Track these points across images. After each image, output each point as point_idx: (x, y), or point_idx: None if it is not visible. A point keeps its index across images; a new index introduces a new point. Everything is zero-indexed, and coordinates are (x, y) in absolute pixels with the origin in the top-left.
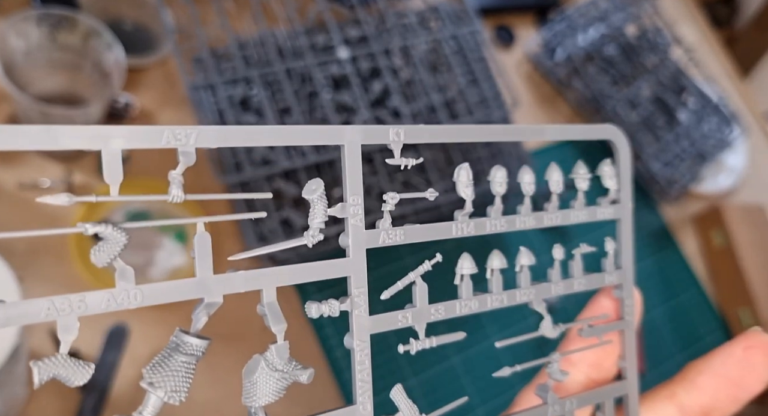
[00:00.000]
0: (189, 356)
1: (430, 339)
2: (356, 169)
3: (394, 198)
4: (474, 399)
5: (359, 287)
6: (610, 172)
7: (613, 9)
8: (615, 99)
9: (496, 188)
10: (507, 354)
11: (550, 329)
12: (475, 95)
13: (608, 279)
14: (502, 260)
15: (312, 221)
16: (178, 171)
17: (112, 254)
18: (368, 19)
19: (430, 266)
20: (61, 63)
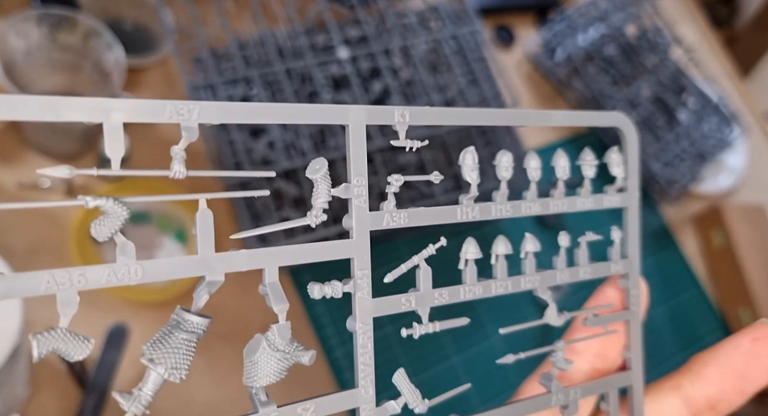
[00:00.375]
0: (190, 333)
1: (433, 324)
2: (361, 149)
3: (399, 180)
4: (474, 399)
5: (362, 269)
6: (617, 159)
7: (613, 9)
8: (615, 99)
9: (502, 172)
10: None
11: (555, 317)
12: (475, 95)
13: (614, 268)
14: (507, 245)
15: (315, 200)
16: (181, 146)
17: (113, 229)
18: (368, 19)
19: (434, 250)
20: (61, 63)
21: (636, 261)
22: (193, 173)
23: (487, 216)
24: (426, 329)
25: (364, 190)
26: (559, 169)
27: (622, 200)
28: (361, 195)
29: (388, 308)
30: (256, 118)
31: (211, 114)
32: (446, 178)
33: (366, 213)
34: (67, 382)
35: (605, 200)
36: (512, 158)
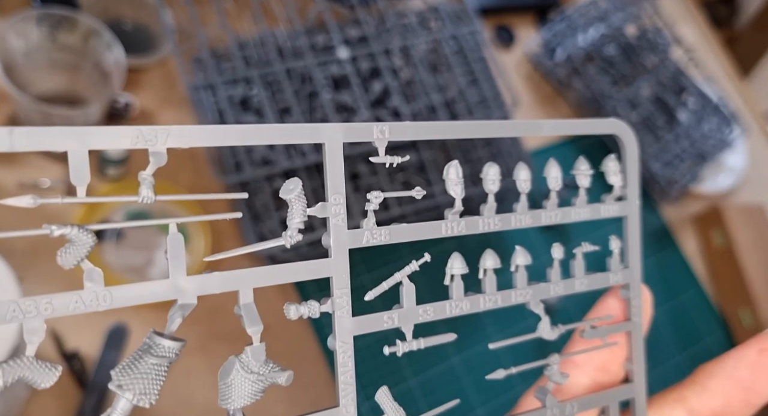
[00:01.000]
0: (160, 358)
1: (417, 341)
2: (338, 168)
3: (378, 197)
4: (474, 399)
5: (341, 288)
6: (614, 167)
7: (613, 9)
8: (615, 99)
9: (489, 185)
10: (508, 355)
11: (548, 330)
12: (475, 95)
13: (613, 279)
14: (496, 259)
15: (291, 221)
16: (148, 172)
17: (79, 257)
18: (368, 19)
19: (418, 266)
20: (61, 63)
21: (637, 271)
22: (161, 197)
23: (474, 230)
24: (410, 346)
25: (342, 208)
26: (552, 179)
27: (621, 209)
28: (338, 213)
29: (370, 326)
30: (225, 140)
31: (180, 139)
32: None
33: (344, 232)
34: (67, 382)
35: (603, 209)
36: (499, 170)
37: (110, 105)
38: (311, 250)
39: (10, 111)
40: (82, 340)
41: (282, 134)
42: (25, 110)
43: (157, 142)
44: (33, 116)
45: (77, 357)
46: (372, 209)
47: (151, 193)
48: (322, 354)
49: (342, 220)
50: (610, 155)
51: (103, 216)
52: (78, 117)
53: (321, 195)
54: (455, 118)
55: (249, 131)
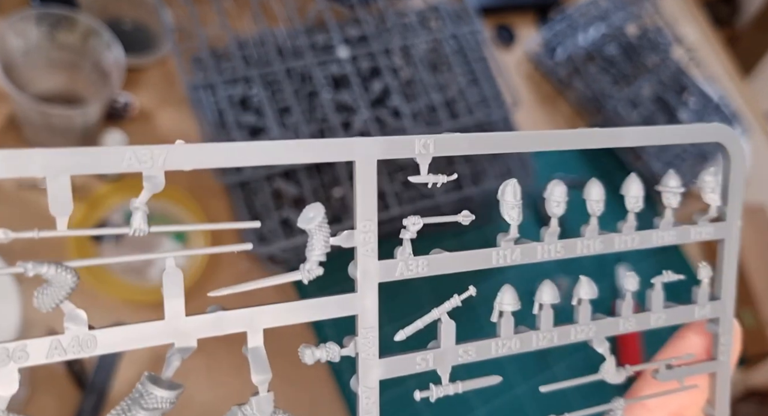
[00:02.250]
0: (151, 411)
1: (455, 385)
2: (370, 189)
3: (417, 224)
4: (474, 399)
5: (368, 327)
6: (713, 183)
7: (613, 8)
8: (616, 99)
9: (553, 208)
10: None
11: (614, 373)
12: (476, 95)
13: (700, 313)
14: (555, 292)
15: (310, 253)
16: (142, 199)
17: (58, 299)
18: (368, 19)
19: (460, 301)
20: (60, 63)
21: (730, 304)
22: (155, 228)
23: (531, 259)
24: (446, 390)
25: (373, 236)
26: (630, 199)
27: (717, 232)
28: (368, 242)
29: (400, 369)
30: (231, 160)
31: (179, 159)
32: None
33: (374, 263)
34: (66, 383)
35: (694, 232)
36: (566, 190)
37: (109, 105)
38: None
39: (9, 111)
40: None
41: (307, 151)
42: (24, 110)
43: (155, 164)
44: (32, 116)
45: (76, 359)
46: (408, 237)
47: (144, 224)
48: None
49: (372, 250)
50: (710, 168)
51: (103, 216)
52: (77, 117)
53: (321, 195)
54: (455, 117)
55: (266, 149)
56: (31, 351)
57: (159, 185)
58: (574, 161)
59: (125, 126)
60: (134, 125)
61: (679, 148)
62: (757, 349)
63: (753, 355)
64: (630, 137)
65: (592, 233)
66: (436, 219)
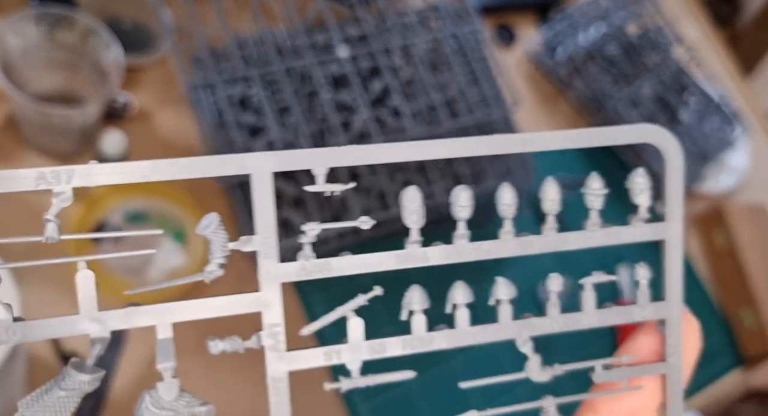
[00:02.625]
0: (69, 391)
1: (365, 378)
2: (266, 199)
3: (314, 230)
4: (474, 399)
5: (272, 323)
6: (643, 184)
7: (614, 8)
8: (616, 98)
9: (458, 212)
10: (508, 356)
11: (538, 371)
12: (476, 95)
13: (640, 314)
14: (467, 293)
15: (211, 256)
16: (52, 212)
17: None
18: (368, 18)
19: (366, 300)
20: (59, 62)
21: (676, 304)
22: (66, 236)
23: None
24: (355, 383)
25: (273, 240)
26: (548, 202)
27: (657, 232)
28: (267, 246)
29: (308, 362)
30: (139, 177)
31: (86, 178)
32: (446, 177)
33: (274, 265)
34: None
35: (626, 233)
36: (471, 195)
37: (108, 104)
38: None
39: (7, 111)
40: (81, 341)
41: (206, 167)
42: (23, 110)
43: (61, 182)
44: (31, 116)
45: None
46: (307, 242)
47: (56, 234)
48: None
49: (272, 253)
50: (638, 169)
51: (101, 217)
52: (76, 117)
53: (323, 197)
54: (455, 117)
55: (167, 167)
56: None
57: (67, 200)
58: (575, 161)
59: (124, 126)
60: (133, 125)
61: None
62: (758, 349)
63: (753, 355)
64: (554, 141)
65: (507, 235)
66: (333, 225)
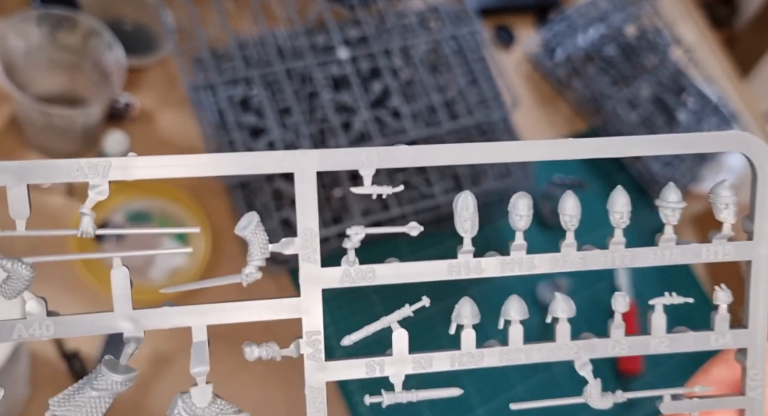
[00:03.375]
0: (101, 391)
1: (410, 393)
2: (310, 200)
3: (359, 234)
4: (474, 399)
5: (311, 330)
6: (729, 198)
7: (612, 9)
8: (615, 99)
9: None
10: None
11: (599, 398)
12: (475, 95)
13: (718, 342)
14: (523, 307)
15: (250, 257)
16: (87, 206)
17: (18, 290)
18: (368, 20)
19: (412, 312)
20: (61, 63)
21: (761, 332)
22: (100, 231)
23: (492, 273)
24: (398, 398)
25: (315, 243)
26: (615, 215)
27: (743, 252)
28: (309, 248)
29: (348, 373)
30: (180, 172)
31: (123, 171)
32: (446, 177)
33: (317, 270)
34: (67, 382)
35: (707, 251)
36: (530, 202)
37: (110, 105)
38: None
39: (10, 111)
40: (82, 340)
41: (247, 163)
42: (25, 111)
43: (98, 174)
44: (33, 116)
45: (77, 357)
46: (351, 247)
47: (91, 228)
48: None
49: (313, 257)
50: (723, 181)
51: (104, 216)
52: (78, 117)
53: (321, 196)
54: (455, 118)
55: (207, 162)
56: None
57: (104, 193)
58: (574, 162)
59: (126, 127)
60: (135, 126)
61: None
62: None
63: None
64: (642, 146)
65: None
66: (380, 230)
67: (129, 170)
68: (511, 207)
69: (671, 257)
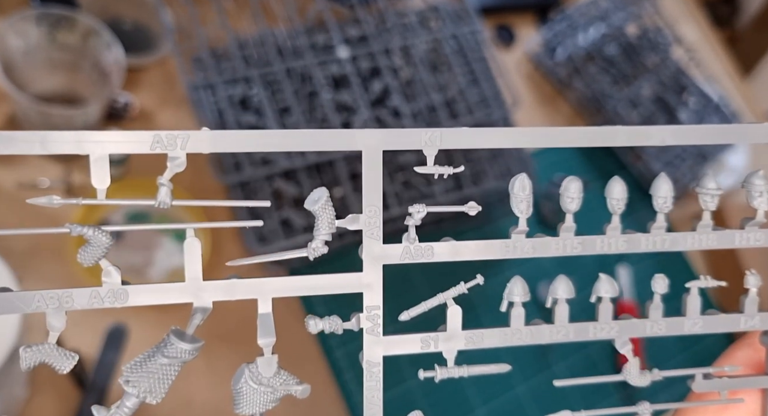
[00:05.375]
0: (171, 358)
1: (461, 368)
2: (375, 177)
3: (420, 212)
4: (474, 399)
5: (372, 305)
6: (762, 186)
7: (613, 8)
8: (616, 99)
9: (567, 204)
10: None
11: (637, 375)
12: (476, 95)
13: (747, 323)
14: (570, 288)
15: (317, 232)
16: (166, 177)
17: (97, 256)
18: (368, 19)
19: (466, 289)
20: (60, 63)
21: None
22: (177, 202)
23: (546, 253)
24: (451, 373)
25: (378, 220)
26: (659, 199)
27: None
28: (373, 226)
29: (404, 347)
30: (251, 146)
31: (199, 143)
32: (447, 177)
33: (379, 246)
34: (66, 383)
35: (739, 237)
36: (581, 185)
37: (109, 105)
38: None
39: (9, 111)
40: (81, 340)
41: (316, 140)
42: (24, 110)
43: (176, 146)
44: (32, 116)
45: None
46: (413, 224)
47: (168, 198)
48: (322, 354)
49: (377, 234)
50: (758, 171)
51: (103, 216)
52: (77, 117)
53: None
54: (455, 117)
55: (277, 137)
56: (75, 298)
57: (181, 165)
58: (574, 161)
59: (125, 126)
60: (134, 125)
61: (679, 148)
62: None
63: None
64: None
65: (614, 232)
66: (440, 208)
67: (202, 143)
68: (563, 190)
69: (708, 242)
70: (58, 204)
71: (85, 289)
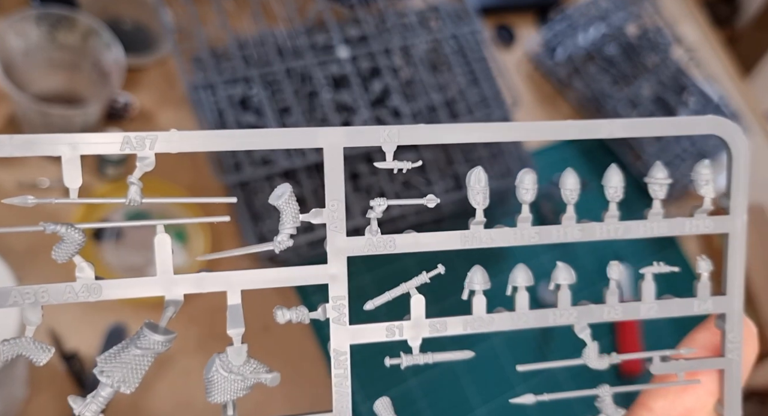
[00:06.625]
0: (144, 350)
1: (425, 355)
2: (337, 173)
3: (381, 205)
4: (474, 399)
5: (338, 294)
6: (707, 175)
7: (613, 8)
8: (616, 99)
9: (522, 194)
10: (508, 355)
11: (596, 359)
12: (476, 95)
13: (700, 307)
14: (529, 275)
15: (282, 226)
16: (136, 175)
17: (71, 253)
18: (368, 19)
19: (428, 278)
20: (60, 63)
21: (738, 299)
22: (147, 200)
23: (500, 243)
24: (415, 360)
25: (341, 214)
26: (610, 190)
27: (721, 225)
28: (336, 219)
29: (370, 336)
30: (217, 145)
31: (167, 144)
32: (446, 177)
33: (342, 239)
34: (65, 382)
35: (689, 224)
36: (536, 178)
37: (109, 105)
38: (311, 250)
39: (9, 111)
40: (81, 341)
41: (279, 138)
42: (24, 110)
43: (145, 147)
44: (32, 116)
45: (76, 358)
46: (375, 217)
47: (138, 196)
48: (322, 354)
49: (340, 227)
50: (703, 160)
51: (102, 216)
52: (77, 117)
53: (322, 196)
54: (455, 117)
55: (242, 136)
56: (51, 293)
57: (149, 165)
58: (574, 161)
59: (125, 126)
60: (134, 125)
61: (678, 148)
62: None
63: None
64: (622, 128)
65: (569, 222)
66: (400, 202)
67: (172, 144)
68: (518, 182)
69: (659, 230)
70: (32, 204)
71: (59, 284)
